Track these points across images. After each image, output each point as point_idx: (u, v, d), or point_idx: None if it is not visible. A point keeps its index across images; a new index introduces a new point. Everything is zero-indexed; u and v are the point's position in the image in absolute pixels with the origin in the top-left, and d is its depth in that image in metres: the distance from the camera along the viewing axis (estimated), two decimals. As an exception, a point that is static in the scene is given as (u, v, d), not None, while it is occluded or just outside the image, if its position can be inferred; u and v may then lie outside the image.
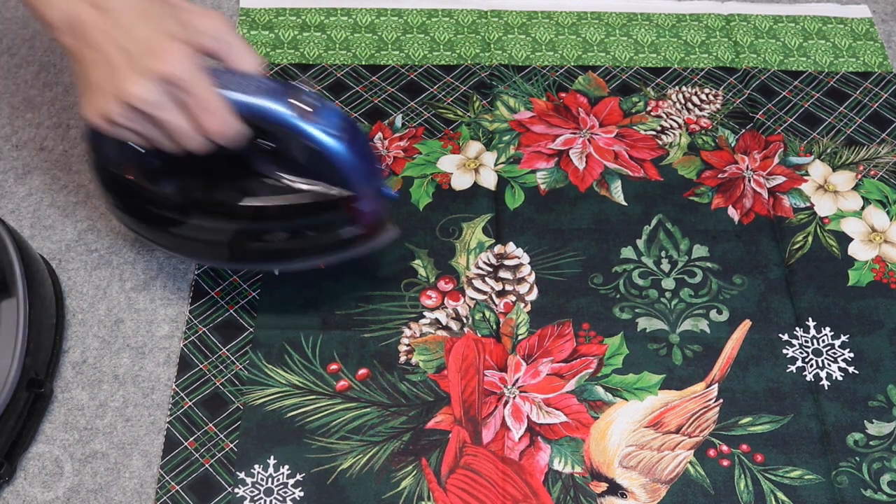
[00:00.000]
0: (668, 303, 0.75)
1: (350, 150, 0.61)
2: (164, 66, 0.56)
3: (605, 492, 0.66)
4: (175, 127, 0.58)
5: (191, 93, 0.57)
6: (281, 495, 0.66)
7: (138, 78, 0.56)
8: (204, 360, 0.72)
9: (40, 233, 0.79)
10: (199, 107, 0.58)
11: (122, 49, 0.56)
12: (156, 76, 0.56)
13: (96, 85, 0.58)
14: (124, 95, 0.56)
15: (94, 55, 0.57)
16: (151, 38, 0.56)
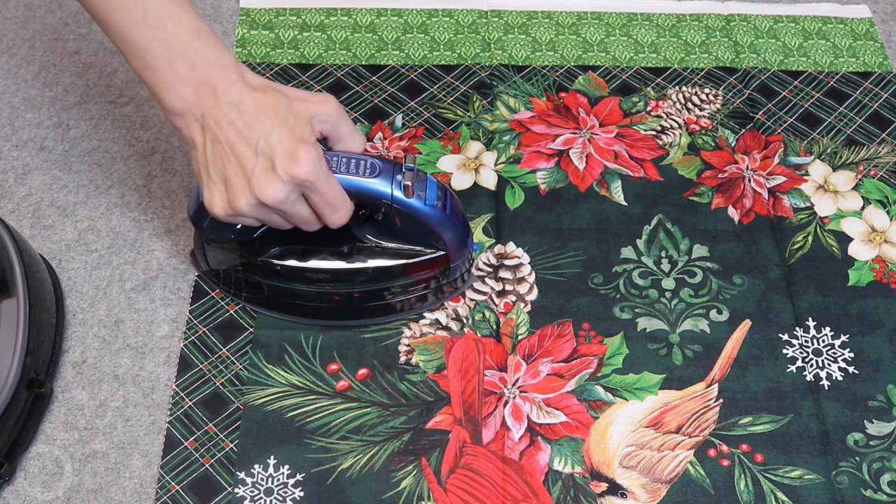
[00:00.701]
0: (668, 303, 0.75)
1: (445, 216, 0.67)
2: (300, 171, 0.60)
3: (605, 492, 0.66)
4: (301, 219, 0.64)
5: (320, 192, 0.62)
6: (281, 495, 0.66)
7: (275, 181, 0.60)
8: (204, 360, 0.72)
9: (40, 233, 0.79)
10: (325, 203, 0.62)
11: (261, 152, 0.60)
12: (293, 179, 0.60)
13: (229, 183, 0.61)
14: (262, 196, 0.60)
15: (224, 153, 0.61)
16: (286, 143, 0.60)
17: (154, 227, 0.79)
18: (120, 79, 0.90)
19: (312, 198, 0.62)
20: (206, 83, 0.61)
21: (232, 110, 0.60)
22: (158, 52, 0.61)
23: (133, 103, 0.88)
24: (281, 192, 0.60)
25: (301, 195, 0.62)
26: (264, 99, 0.61)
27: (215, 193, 0.62)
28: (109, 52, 0.92)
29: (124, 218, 0.80)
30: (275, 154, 0.60)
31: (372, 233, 0.70)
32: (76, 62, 0.92)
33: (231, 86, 0.61)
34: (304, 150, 0.60)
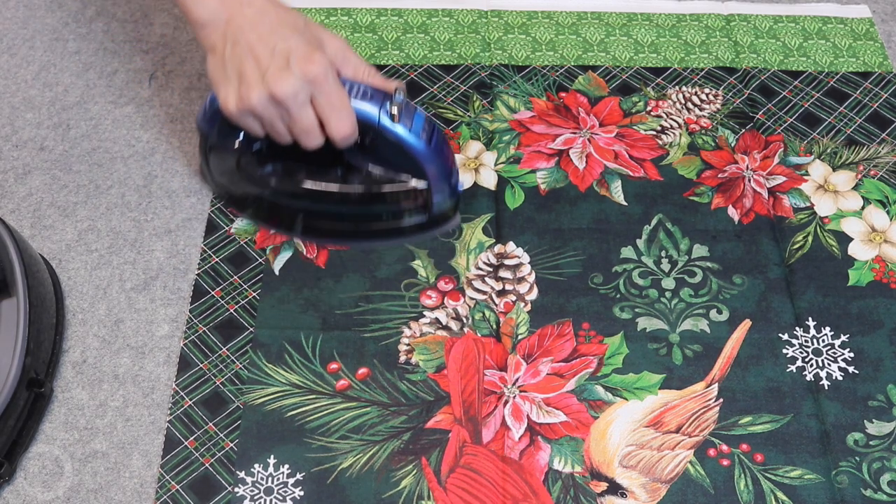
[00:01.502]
0: (668, 302, 0.75)
1: (429, 148, 0.70)
2: (312, 68, 0.64)
3: (605, 491, 0.66)
4: (306, 122, 0.66)
5: (328, 94, 0.65)
6: (281, 494, 0.66)
7: (288, 76, 0.64)
8: (204, 360, 0.72)
9: (40, 233, 0.79)
10: (332, 107, 0.66)
11: (277, 52, 0.64)
12: (304, 77, 0.64)
13: (244, 77, 0.65)
14: (275, 89, 0.64)
15: (242, 52, 0.65)
16: (302, 47, 0.65)
17: (154, 227, 0.79)
18: (120, 79, 0.90)
19: (320, 100, 0.65)
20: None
21: (256, 16, 0.66)
22: None
23: (133, 103, 0.88)
24: (292, 86, 0.64)
25: (309, 99, 0.65)
26: (286, 13, 0.67)
27: (230, 90, 0.66)
28: (109, 52, 0.92)
29: (124, 218, 0.80)
30: (291, 54, 0.64)
31: (362, 158, 0.72)
32: (76, 62, 0.92)
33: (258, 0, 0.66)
34: (318, 54, 0.65)
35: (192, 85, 0.90)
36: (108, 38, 0.94)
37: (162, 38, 0.94)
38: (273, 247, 0.78)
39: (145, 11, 0.96)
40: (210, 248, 0.78)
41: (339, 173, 0.73)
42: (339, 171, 0.73)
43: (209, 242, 0.78)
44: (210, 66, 0.68)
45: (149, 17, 0.96)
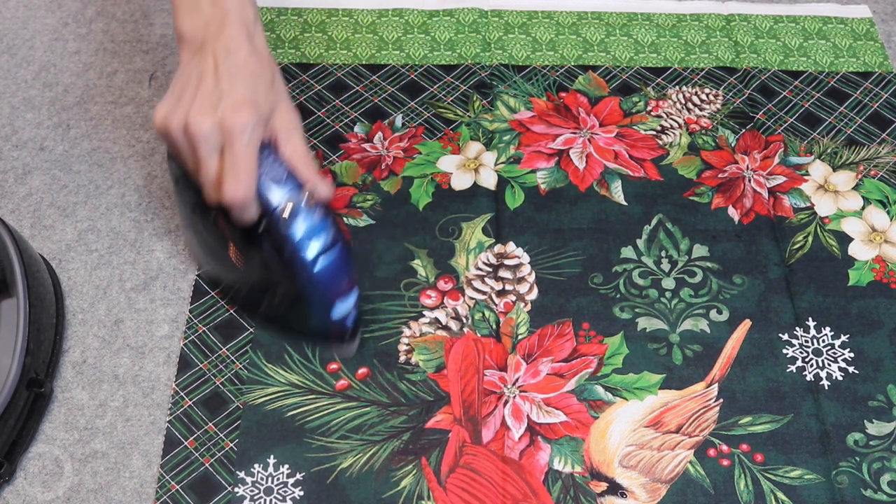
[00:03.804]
0: (668, 302, 0.75)
1: (312, 267, 0.63)
2: (234, 121, 0.61)
3: (605, 491, 0.66)
4: (208, 170, 0.63)
5: (236, 153, 0.61)
6: (281, 494, 0.66)
7: (208, 116, 0.61)
8: (204, 360, 0.72)
9: (40, 233, 0.79)
10: (233, 168, 0.61)
11: (216, 91, 0.62)
12: (222, 124, 0.61)
13: (179, 98, 0.63)
14: (191, 123, 0.61)
15: (194, 74, 0.63)
16: (242, 95, 0.62)
17: (154, 227, 0.79)
18: (120, 79, 0.90)
19: (226, 155, 0.62)
20: (218, 24, 0.63)
21: (223, 51, 0.63)
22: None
23: (133, 103, 0.88)
24: (206, 127, 0.61)
25: (219, 149, 0.62)
26: (258, 61, 0.64)
27: (165, 103, 0.64)
28: (109, 53, 0.92)
29: (124, 218, 0.80)
30: (225, 98, 0.61)
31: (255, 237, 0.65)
32: (76, 62, 0.92)
33: (237, 35, 0.63)
34: (247, 110, 0.61)
35: (193, 85, 0.90)
36: (108, 38, 0.94)
37: (162, 38, 0.94)
38: (273, 247, 0.78)
39: (145, 11, 0.96)
40: (210, 248, 0.78)
41: (238, 235, 0.66)
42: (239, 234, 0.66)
43: (209, 242, 0.78)
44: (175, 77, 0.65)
45: (149, 17, 0.96)
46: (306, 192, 0.64)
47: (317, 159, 0.83)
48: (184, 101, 0.62)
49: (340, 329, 0.69)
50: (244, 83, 0.62)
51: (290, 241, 0.62)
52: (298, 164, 0.65)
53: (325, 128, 0.86)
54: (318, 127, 0.86)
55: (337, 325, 0.68)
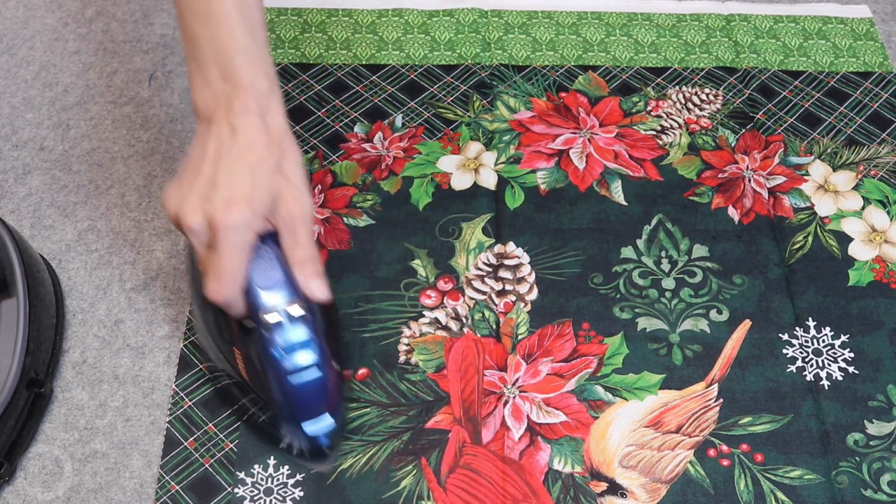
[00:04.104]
0: (668, 303, 0.75)
1: (287, 382, 0.61)
2: (222, 219, 0.57)
3: (604, 491, 0.66)
4: (202, 259, 0.61)
5: (221, 254, 0.58)
6: (281, 495, 0.66)
7: (197, 212, 0.58)
8: (204, 360, 0.72)
9: (40, 233, 0.79)
10: (216, 268, 0.59)
11: (212, 180, 0.59)
12: (211, 221, 0.58)
13: (180, 183, 0.60)
14: (181, 215, 0.59)
15: (197, 158, 0.60)
16: (239, 189, 0.58)
17: (154, 227, 0.79)
18: (120, 79, 0.90)
19: (213, 255, 0.59)
20: (227, 98, 0.60)
21: (228, 132, 0.60)
22: (205, 51, 0.60)
23: (133, 103, 0.88)
24: (194, 223, 0.58)
25: (206, 245, 0.60)
26: (260, 146, 0.60)
27: (174, 183, 0.61)
28: (109, 53, 0.92)
29: (124, 218, 0.80)
30: (218, 191, 0.58)
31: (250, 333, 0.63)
32: (76, 62, 0.92)
33: (245, 113, 0.60)
34: (242, 210, 0.58)
35: (192, 85, 0.90)
36: (108, 38, 0.94)
37: (162, 38, 0.94)
38: (273, 247, 0.78)
39: (145, 11, 0.96)
40: (210, 249, 0.78)
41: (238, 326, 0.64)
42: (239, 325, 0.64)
43: (209, 242, 0.78)
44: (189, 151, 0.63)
45: (149, 17, 0.96)
46: (296, 301, 0.60)
47: (317, 159, 0.83)
48: (182, 187, 0.60)
49: (310, 445, 0.65)
50: (243, 172, 0.59)
51: (268, 348, 0.60)
52: (297, 262, 0.61)
53: (325, 128, 0.86)
54: (318, 127, 0.86)
55: (315, 444, 0.65)
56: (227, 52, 0.60)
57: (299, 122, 0.86)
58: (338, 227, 0.79)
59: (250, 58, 0.60)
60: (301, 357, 0.60)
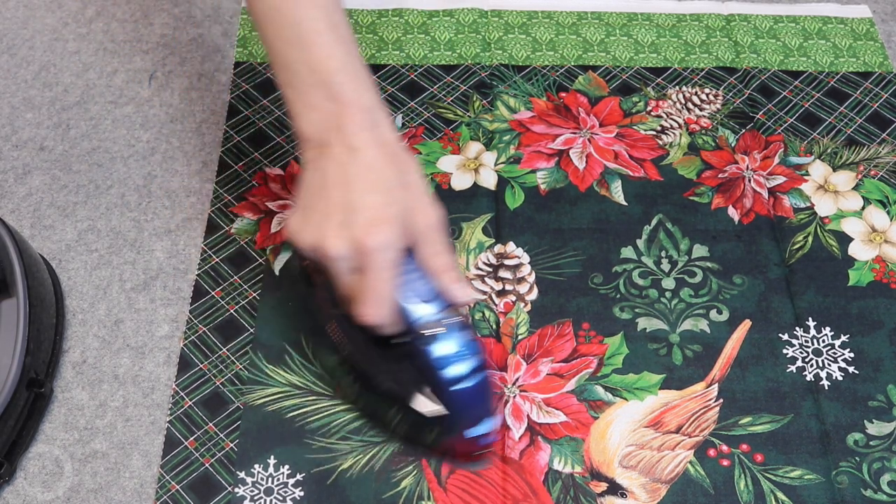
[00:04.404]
0: (668, 303, 0.75)
1: (459, 387, 0.60)
2: (368, 241, 0.56)
3: (605, 491, 0.66)
4: (344, 286, 0.60)
5: (372, 276, 0.57)
6: (281, 495, 0.66)
7: (341, 238, 0.57)
8: (204, 360, 0.72)
9: (40, 233, 0.79)
10: (368, 291, 0.58)
11: (347, 204, 0.57)
12: (357, 246, 0.57)
13: (307, 213, 0.59)
14: (323, 244, 0.57)
15: (319, 185, 0.59)
16: (376, 210, 0.57)
17: (154, 227, 0.79)
18: (120, 79, 0.90)
19: (364, 276, 0.58)
20: (337, 119, 0.59)
21: (347, 154, 0.58)
22: (302, 76, 0.59)
23: (133, 103, 0.88)
24: (338, 250, 0.57)
25: (355, 268, 0.58)
26: (382, 162, 0.59)
27: (294, 217, 0.60)
28: (109, 52, 0.92)
29: (124, 218, 0.80)
30: (357, 214, 0.57)
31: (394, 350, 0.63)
32: (76, 62, 0.92)
33: (359, 131, 0.59)
34: (386, 228, 0.57)
35: (192, 85, 0.90)
36: (108, 38, 0.94)
37: (162, 38, 0.94)
38: (273, 247, 0.78)
39: (145, 11, 0.96)
40: (210, 248, 0.78)
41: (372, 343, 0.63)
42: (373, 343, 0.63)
43: (209, 242, 0.78)
44: (300, 179, 0.61)
45: (149, 17, 0.96)
46: (450, 309, 0.60)
47: None
48: (314, 217, 0.59)
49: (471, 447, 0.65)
50: (374, 192, 0.58)
51: (432, 361, 0.60)
52: (439, 270, 0.60)
53: (325, 128, 0.86)
54: (318, 127, 0.86)
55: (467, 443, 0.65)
56: (327, 72, 0.59)
57: (299, 122, 0.86)
58: (338, 227, 0.79)
59: (350, 74, 0.59)
60: (465, 364, 0.60)
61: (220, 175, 0.82)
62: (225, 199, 0.81)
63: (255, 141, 0.85)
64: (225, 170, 0.83)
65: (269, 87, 0.89)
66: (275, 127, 0.86)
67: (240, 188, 0.81)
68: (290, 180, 0.82)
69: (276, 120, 0.86)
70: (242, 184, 0.82)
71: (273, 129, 0.86)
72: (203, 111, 0.88)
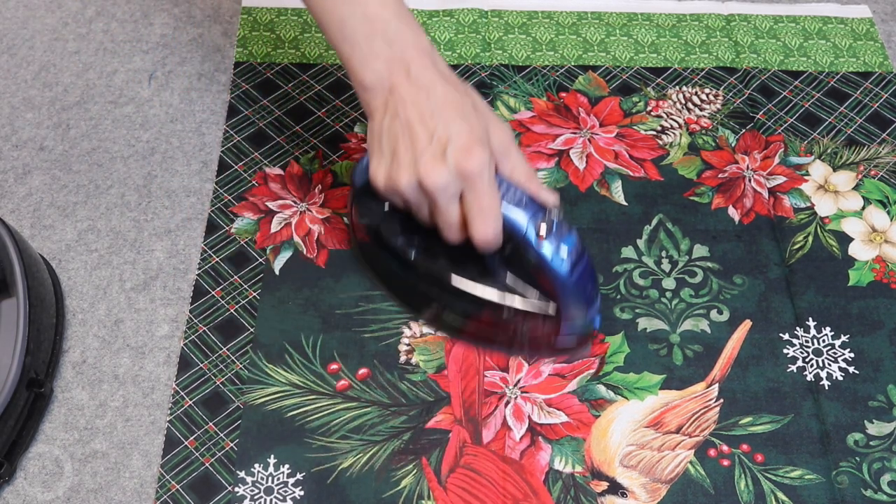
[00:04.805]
0: (668, 303, 0.75)
1: (570, 278, 0.64)
2: (468, 164, 0.60)
3: (605, 491, 0.66)
4: (450, 217, 0.63)
5: (479, 195, 0.61)
6: (281, 494, 0.65)
7: (442, 167, 0.60)
8: (204, 360, 0.72)
9: (40, 233, 0.79)
10: (479, 210, 0.61)
11: (436, 137, 0.60)
12: (459, 171, 0.60)
13: (397, 156, 0.62)
14: (425, 178, 0.60)
15: (399, 129, 0.62)
16: (464, 136, 0.60)
17: (154, 227, 0.79)
18: (120, 79, 0.90)
19: (468, 198, 0.61)
20: (401, 61, 0.62)
21: (420, 93, 0.62)
22: (358, 28, 0.63)
23: (133, 103, 0.88)
24: (443, 179, 0.60)
25: (458, 194, 0.62)
26: (453, 92, 0.62)
27: (381, 165, 0.63)
28: (109, 52, 0.92)
29: (124, 218, 0.80)
30: (450, 142, 0.60)
31: (499, 264, 0.68)
32: (76, 62, 0.92)
33: (424, 69, 0.62)
34: (479, 148, 0.60)
35: (192, 85, 0.90)
36: (108, 38, 0.94)
37: (162, 38, 0.94)
38: (273, 247, 0.78)
39: (145, 11, 0.96)
40: (210, 248, 0.78)
41: (473, 270, 0.68)
42: (474, 268, 0.68)
43: (209, 242, 0.78)
44: (368, 131, 0.65)
45: (149, 17, 0.96)
46: (547, 207, 0.63)
47: (317, 159, 0.83)
48: (404, 158, 0.61)
49: (590, 330, 0.70)
50: (457, 121, 0.61)
51: (551, 255, 0.63)
52: (524, 180, 0.64)
53: (325, 128, 0.86)
54: (318, 127, 0.86)
55: (591, 327, 0.69)
56: (383, 20, 0.63)
57: (299, 122, 0.86)
58: (338, 227, 0.79)
59: (405, 20, 0.64)
60: (574, 250, 0.64)
61: (219, 175, 0.82)
62: (225, 199, 0.81)
63: (255, 141, 0.85)
64: (225, 170, 0.83)
65: (269, 86, 0.89)
66: (275, 127, 0.86)
67: (240, 188, 0.81)
68: (290, 180, 0.82)
69: (276, 120, 0.86)
70: (242, 184, 0.82)
71: (273, 129, 0.86)
72: (203, 111, 0.88)
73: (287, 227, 0.79)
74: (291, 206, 0.80)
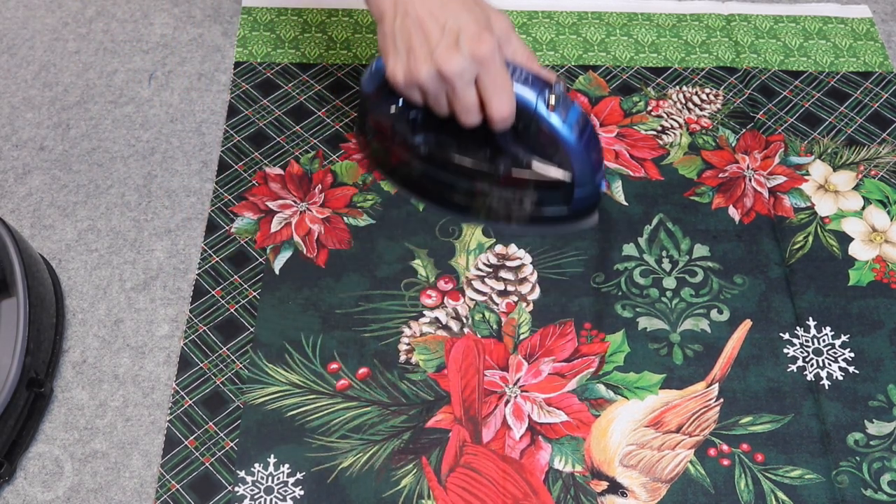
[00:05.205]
0: (668, 302, 0.75)
1: (580, 143, 0.70)
2: (482, 49, 0.65)
3: (605, 490, 0.66)
4: (468, 100, 0.68)
5: (493, 75, 0.67)
6: (281, 494, 0.65)
7: (457, 55, 0.66)
8: (204, 360, 0.72)
9: (40, 233, 0.79)
10: (495, 88, 0.67)
11: (447, 29, 0.66)
12: (473, 56, 0.66)
13: (413, 51, 0.67)
14: (443, 66, 0.66)
15: (412, 25, 0.67)
16: (472, 25, 0.66)
17: (154, 227, 0.79)
18: (120, 79, 0.90)
19: (484, 81, 0.66)
20: None
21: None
22: None
23: (133, 103, 0.88)
24: (460, 65, 0.65)
25: (474, 78, 0.66)
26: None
27: (399, 62, 0.68)
28: (109, 52, 0.92)
29: (124, 218, 0.80)
30: (461, 32, 0.66)
31: (512, 142, 0.72)
32: (76, 62, 0.92)
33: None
34: (488, 35, 0.66)
35: (192, 85, 0.90)
36: (108, 38, 0.94)
37: (162, 38, 0.94)
38: (273, 246, 0.78)
39: (145, 11, 0.96)
40: (210, 248, 0.78)
41: (487, 153, 0.73)
42: (488, 151, 0.73)
43: (209, 242, 0.78)
44: (379, 35, 0.70)
45: (149, 17, 0.96)
46: (551, 82, 0.68)
47: (317, 159, 0.83)
48: (420, 51, 0.66)
49: (598, 195, 0.75)
50: (463, 14, 0.66)
51: (560, 124, 0.68)
52: (525, 60, 0.69)
53: (325, 128, 0.86)
54: (318, 127, 0.86)
55: (599, 190, 0.74)
56: None
57: (299, 122, 0.86)
58: (338, 227, 0.79)
59: None
60: (580, 117, 0.69)
61: (219, 175, 0.82)
62: (225, 199, 0.81)
63: (255, 141, 0.85)
64: (225, 169, 0.83)
65: (269, 86, 0.89)
66: (275, 127, 0.86)
67: (240, 188, 0.81)
68: (290, 180, 0.82)
69: (276, 120, 0.86)
70: (242, 183, 0.82)
71: (273, 129, 0.86)
72: (203, 111, 0.88)
73: (287, 226, 0.79)
74: (291, 206, 0.80)
